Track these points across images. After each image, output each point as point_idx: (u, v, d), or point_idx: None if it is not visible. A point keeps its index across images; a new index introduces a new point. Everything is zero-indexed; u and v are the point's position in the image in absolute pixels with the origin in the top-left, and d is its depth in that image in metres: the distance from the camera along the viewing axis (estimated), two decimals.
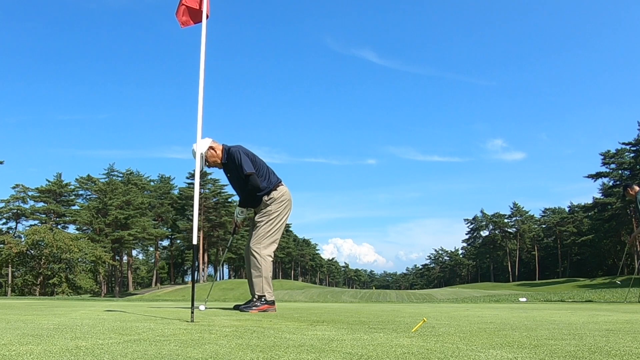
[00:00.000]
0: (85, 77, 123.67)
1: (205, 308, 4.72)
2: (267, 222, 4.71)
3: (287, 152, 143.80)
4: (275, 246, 4.75)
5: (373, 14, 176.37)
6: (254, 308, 4.46)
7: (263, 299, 4.55)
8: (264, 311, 4.44)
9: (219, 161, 4.75)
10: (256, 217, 4.77)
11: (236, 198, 5.14)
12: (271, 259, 4.69)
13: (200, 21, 3.66)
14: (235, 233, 5.24)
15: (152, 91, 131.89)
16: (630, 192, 8.54)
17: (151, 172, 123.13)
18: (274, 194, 4.75)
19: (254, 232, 4.72)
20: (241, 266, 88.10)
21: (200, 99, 3.38)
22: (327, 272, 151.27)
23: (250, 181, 4.64)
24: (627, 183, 8.93)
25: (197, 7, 3.70)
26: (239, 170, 4.66)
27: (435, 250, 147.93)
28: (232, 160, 4.70)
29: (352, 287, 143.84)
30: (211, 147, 4.70)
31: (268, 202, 4.73)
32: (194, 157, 4.27)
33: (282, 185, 4.82)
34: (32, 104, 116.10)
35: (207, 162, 4.69)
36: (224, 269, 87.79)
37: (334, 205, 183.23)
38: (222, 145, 4.76)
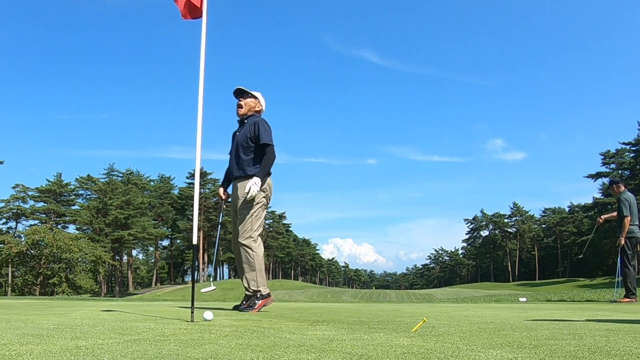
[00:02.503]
0: (86, 77, 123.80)
1: (213, 289, 4.78)
2: (253, 214, 4.53)
3: (287, 152, 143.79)
4: (261, 238, 4.65)
5: (373, 14, 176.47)
6: (254, 308, 4.43)
7: (259, 295, 4.50)
8: (264, 306, 4.45)
9: (244, 113, 4.71)
10: (240, 208, 4.55)
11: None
12: (262, 251, 4.60)
13: (200, 17, 3.66)
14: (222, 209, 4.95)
15: (152, 91, 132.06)
16: (616, 190, 8.50)
17: (151, 172, 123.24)
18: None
19: (240, 226, 4.53)
20: None
21: (200, 99, 3.38)
22: (327, 272, 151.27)
23: (270, 152, 4.57)
24: (615, 180, 8.89)
25: (198, 6, 3.69)
26: (249, 135, 4.57)
27: (435, 250, 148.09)
28: (252, 124, 4.63)
29: (352, 287, 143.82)
30: (257, 100, 4.79)
31: (245, 192, 4.52)
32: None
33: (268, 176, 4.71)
34: (32, 104, 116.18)
35: (241, 103, 4.69)
36: (224, 268, 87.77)
37: (334, 205, 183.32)
38: (257, 111, 4.81)
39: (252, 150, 4.59)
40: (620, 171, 65.16)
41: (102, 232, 66.02)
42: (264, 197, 4.60)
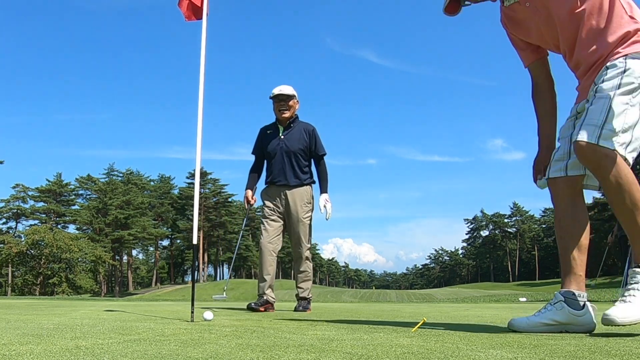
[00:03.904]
0: (86, 77, 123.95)
1: (224, 297, 4.96)
2: (310, 221, 4.55)
3: None
4: None
5: (373, 14, 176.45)
6: (308, 309, 4.54)
7: (309, 300, 4.64)
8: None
9: (290, 116, 4.51)
10: (301, 214, 4.46)
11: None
12: None
13: (201, 18, 3.65)
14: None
15: (152, 91, 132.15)
16: None
17: (151, 172, 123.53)
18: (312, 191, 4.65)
19: (301, 232, 4.48)
20: (241, 266, 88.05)
21: (201, 99, 3.38)
22: (327, 272, 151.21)
23: (324, 163, 4.57)
24: None
25: (199, 5, 3.68)
26: (305, 144, 4.48)
27: (435, 250, 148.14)
28: (305, 132, 4.52)
29: (352, 287, 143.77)
30: (296, 98, 4.53)
31: (312, 197, 4.59)
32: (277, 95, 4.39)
33: None
34: (32, 104, 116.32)
35: (286, 106, 4.47)
36: (224, 268, 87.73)
37: (334, 205, 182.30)
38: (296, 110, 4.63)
39: (306, 159, 4.58)
40: None
41: (102, 232, 66.01)
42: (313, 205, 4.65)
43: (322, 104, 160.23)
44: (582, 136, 2.02)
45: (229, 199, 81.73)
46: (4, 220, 63.92)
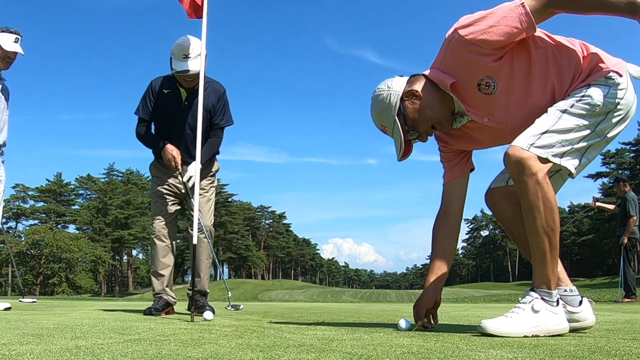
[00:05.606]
0: (86, 77, 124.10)
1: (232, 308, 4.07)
2: (213, 195, 4.00)
3: (287, 152, 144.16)
4: None
5: (373, 14, 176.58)
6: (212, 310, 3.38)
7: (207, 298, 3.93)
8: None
9: (194, 79, 3.56)
10: (204, 184, 3.87)
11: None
12: None
13: (201, 17, 3.65)
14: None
15: None
16: (622, 188, 8.55)
17: None
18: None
19: (208, 210, 3.91)
20: (241, 266, 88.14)
21: (200, 99, 3.38)
22: (327, 272, 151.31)
23: (220, 136, 3.86)
24: (621, 177, 8.99)
25: (200, 3, 3.68)
26: (209, 108, 3.71)
27: None
28: (216, 94, 3.78)
29: (352, 287, 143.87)
30: (201, 55, 3.46)
31: (215, 170, 4.03)
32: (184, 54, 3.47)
33: None
34: (32, 104, 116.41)
35: (192, 77, 3.60)
36: (224, 268, 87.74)
37: (334, 205, 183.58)
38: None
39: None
40: (620, 171, 65.19)
41: (102, 232, 66.04)
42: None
43: (322, 103, 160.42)
44: (517, 141, 1.99)
45: (229, 199, 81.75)
46: (4, 220, 64.01)
